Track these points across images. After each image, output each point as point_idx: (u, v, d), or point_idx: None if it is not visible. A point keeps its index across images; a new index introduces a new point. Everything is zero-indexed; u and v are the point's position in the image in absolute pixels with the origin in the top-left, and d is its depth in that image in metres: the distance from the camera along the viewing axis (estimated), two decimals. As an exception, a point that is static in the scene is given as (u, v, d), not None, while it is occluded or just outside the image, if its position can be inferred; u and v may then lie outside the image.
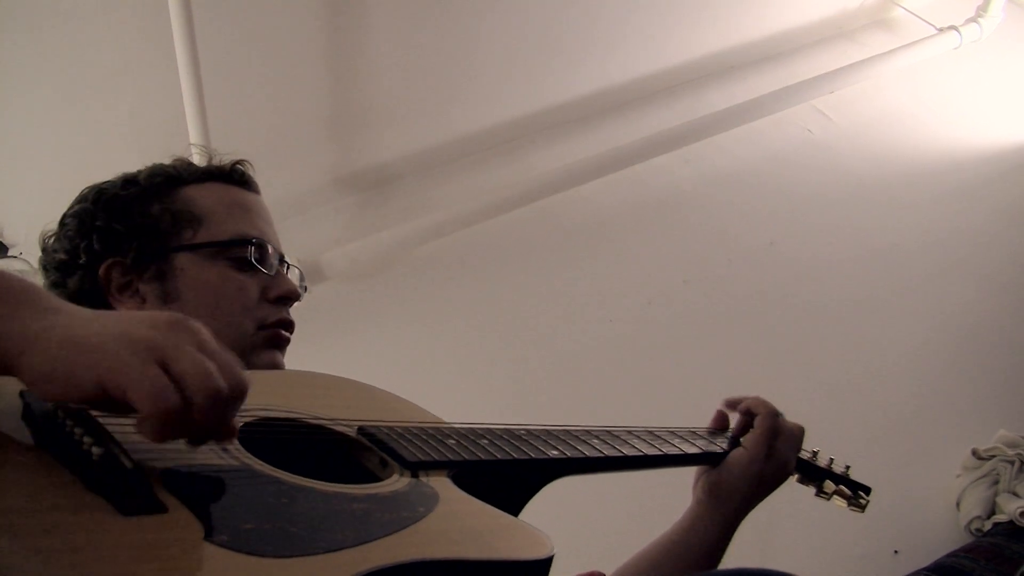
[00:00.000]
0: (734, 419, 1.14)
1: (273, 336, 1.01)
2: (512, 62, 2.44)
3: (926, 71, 3.06)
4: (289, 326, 1.04)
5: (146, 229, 1.03)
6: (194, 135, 1.90)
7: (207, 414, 0.56)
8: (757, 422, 1.09)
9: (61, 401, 0.58)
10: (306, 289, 1.11)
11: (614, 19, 2.52)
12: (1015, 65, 3.22)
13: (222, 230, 1.04)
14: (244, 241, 1.03)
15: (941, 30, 3.06)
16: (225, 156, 1.12)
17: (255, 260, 1.02)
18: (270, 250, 1.05)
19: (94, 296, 1.01)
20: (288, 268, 1.10)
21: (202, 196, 1.06)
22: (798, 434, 1.13)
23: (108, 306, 1.01)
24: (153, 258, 1.01)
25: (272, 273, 1.04)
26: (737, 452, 1.08)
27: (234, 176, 1.10)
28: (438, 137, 2.44)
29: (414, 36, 2.23)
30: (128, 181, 1.07)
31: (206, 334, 0.59)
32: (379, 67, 2.23)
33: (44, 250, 1.08)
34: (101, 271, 1.02)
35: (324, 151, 2.30)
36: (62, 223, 1.07)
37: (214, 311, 0.98)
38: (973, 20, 3.07)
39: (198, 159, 1.15)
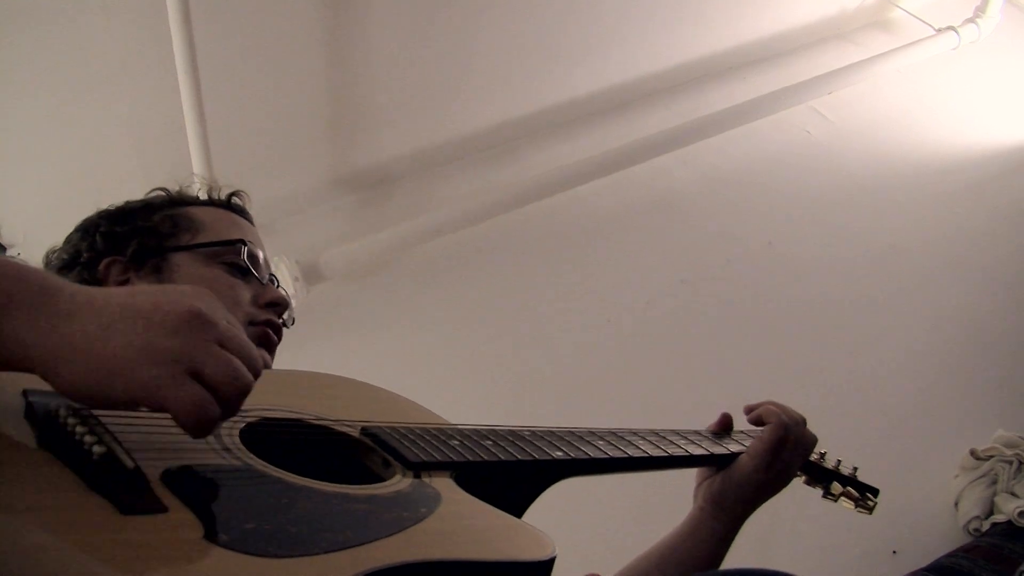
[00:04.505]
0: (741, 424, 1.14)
1: (262, 334, 1.03)
2: (511, 62, 2.44)
3: (924, 72, 3.06)
4: (277, 329, 1.05)
5: (146, 231, 1.07)
6: (192, 136, 1.89)
7: (237, 408, 0.59)
8: (763, 431, 1.09)
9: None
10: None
11: (612, 20, 2.52)
12: (1013, 65, 3.22)
13: (218, 235, 1.08)
14: (239, 242, 1.07)
15: (939, 31, 3.07)
16: (225, 188, 1.18)
17: (248, 263, 1.06)
18: (262, 260, 1.09)
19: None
20: (278, 286, 1.13)
21: (202, 211, 1.12)
22: (808, 444, 1.12)
23: None
24: (151, 256, 1.04)
25: (264, 281, 1.08)
26: (741, 461, 1.07)
27: (232, 205, 1.16)
28: (437, 137, 2.44)
29: (413, 35, 2.23)
30: (131, 201, 1.13)
31: (220, 316, 0.60)
32: (378, 66, 2.23)
33: (47, 264, 1.10)
34: (101, 267, 1.04)
35: (323, 151, 2.30)
36: (67, 239, 1.11)
37: None
38: (971, 21, 3.08)
39: (199, 189, 1.20)
